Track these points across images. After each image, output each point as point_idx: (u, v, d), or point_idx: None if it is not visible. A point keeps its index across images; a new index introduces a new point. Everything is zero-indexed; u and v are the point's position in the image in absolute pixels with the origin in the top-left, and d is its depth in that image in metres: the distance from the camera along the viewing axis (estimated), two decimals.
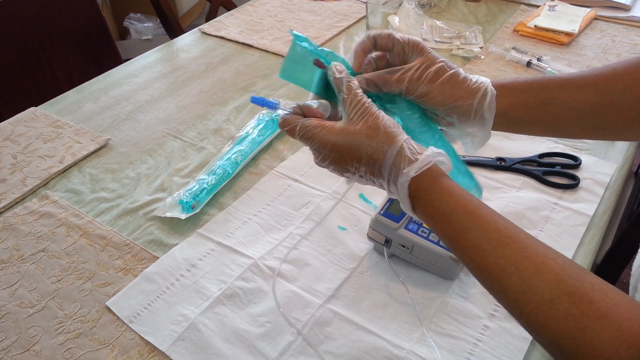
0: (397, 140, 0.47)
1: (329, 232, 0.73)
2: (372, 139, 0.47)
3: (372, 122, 0.47)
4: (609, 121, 0.54)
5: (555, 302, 0.38)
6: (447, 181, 0.46)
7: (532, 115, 0.54)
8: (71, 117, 0.98)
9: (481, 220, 0.44)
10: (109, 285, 0.67)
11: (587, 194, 0.79)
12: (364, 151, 0.47)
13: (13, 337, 0.61)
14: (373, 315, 0.63)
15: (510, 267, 0.41)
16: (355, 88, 0.50)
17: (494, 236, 0.42)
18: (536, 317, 0.39)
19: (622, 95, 0.52)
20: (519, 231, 0.43)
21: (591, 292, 0.38)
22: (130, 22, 2.52)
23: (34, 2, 1.57)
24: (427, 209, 0.46)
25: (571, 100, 0.53)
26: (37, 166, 0.86)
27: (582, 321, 0.37)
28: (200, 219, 0.76)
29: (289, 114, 0.52)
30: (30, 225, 0.75)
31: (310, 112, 0.52)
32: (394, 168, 0.46)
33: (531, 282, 0.40)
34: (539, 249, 0.41)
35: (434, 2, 1.39)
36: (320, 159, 0.50)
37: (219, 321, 0.62)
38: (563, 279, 0.39)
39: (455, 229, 0.44)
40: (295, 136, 0.51)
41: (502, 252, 0.41)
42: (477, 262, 0.43)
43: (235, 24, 1.31)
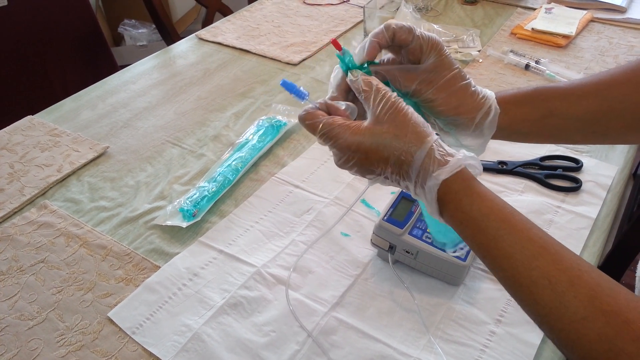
0: (426, 142, 0.44)
1: (332, 239, 0.73)
2: (400, 139, 0.44)
3: (400, 121, 0.45)
4: (609, 128, 0.53)
5: (589, 320, 0.37)
6: (479, 186, 0.44)
7: (533, 127, 0.54)
8: (68, 125, 0.97)
9: (514, 228, 0.42)
10: (110, 295, 0.66)
11: (589, 197, 0.78)
12: (391, 152, 0.45)
13: (14, 350, 0.60)
14: (379, 322, 0.62)
15: (543, 279, 0.39)
16: (376, 84, 0.47)
17: (527, 246, 0.41)
18: (568, 335, 0.38)
19: (622, 101, 0.52)
20: (552, 241, 0.41)
21: (627, 311, 0.36)
22: (124, 28, 2.52)
23: (29, 10, 1.56)
24: (456, 213, 0.44)
25: (572, 111, 0.53)
26: (35, 175, 0.85)
27: (616, 342, 0.36)
28: (201, 227, 0.75)
29: (312, 108, 0.49)
30: (29, 236, 0.74)
31: (336, 112, 0.49)
32: (422, 170, 0.44)
33: (564, 298, 0.38)
34: (573, 261, 0.40)
35: (431, 6, 1.39)
36: (343, 160, 0.47)
37: (223, 331, 0.61)
38: (598, 296, 0.37)
39: (487, 235, 0.42)
40: (316, 133, 0.47)
41: (535, 263, 0.40)
42: (508, 272, 0.41)
43: (232, 29, 1.30)
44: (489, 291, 0.65)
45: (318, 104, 0.49)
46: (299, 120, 0.49)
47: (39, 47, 1.61)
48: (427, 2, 1.39)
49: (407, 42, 0.51)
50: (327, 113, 0.49)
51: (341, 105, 0.50)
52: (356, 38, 1.26)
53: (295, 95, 0.50)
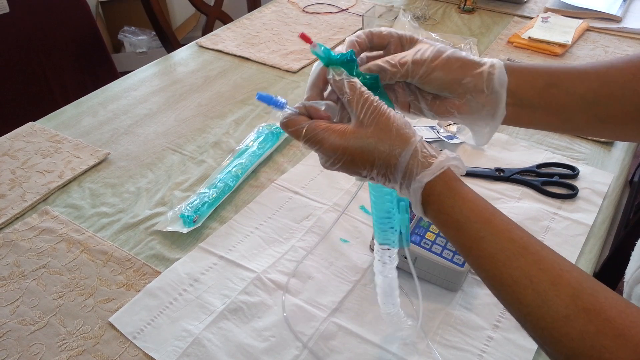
0: (410, 143, 0.45)
1: (332, 245, 0.73)
2: (385, 142, 0.45)
3: (384, 124, 0.45)
4: (609, 113, 0.53)
5: (571, 318, 0.37)
6: (461, 187, 0.45)
7: (539, 98, 0.52)
8: (70, 131, 0.98)
9: (495, 229, 0.42)
10: (112, 301, 0.66)
11: (585, 204, 0.79)
12: (377, 155, 0.45)
13: (15, 355, 0.60)
14: (377, 327, 0.63)
15: (525, 279, 0.40)
16: (359, 87, 0.47)
17: (508, 246, 0.41)
18: (550, 333, 0.38)
19: (622, 87, 0.52)
20: (534, 241, 0.42)
21: (608, 309, 0.37)
22: (124, 35, 2.53)
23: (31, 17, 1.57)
24: (439, 215, 0.45)
25: (575, 87, 0.52)
26: (36, 181, 0.85)
27: (598, 339, 0.36)
28: (201, 232, 0.76)
29: (293, 115, 0.48)
30: (31, 241, 0.75)
31: (317, 114, 0.49)
32: (407, 172, 0.45)
33: (546, 297, 0.38)
34: (554, 260, 0.40)
35: (428, 15, 1.41)
36: (330, 163, 0.48)
37: (223, 336, 0.62)
38: (579, 295, 0.38)
39: (469, 237, 0.43)
40: (300, 139, 0.47)
41: (516, 263, 0.40)
42: (490, 272, 0.42)
43: (232, 37, 1.32)
44: (487, 297, 0.65)
45: (297, 109, 0.49)
46: (281, 127, 0.49)
47: (39, 54, 1.62)
48: (425, 11, 1.40)
49: (384, 44, 0.52)
50: (308, 116, 0.49)
51: (321, 105, 0.49)
52: None
53: (273, 106, 0.50)
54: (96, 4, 2.44)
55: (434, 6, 1.47)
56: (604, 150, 0.91)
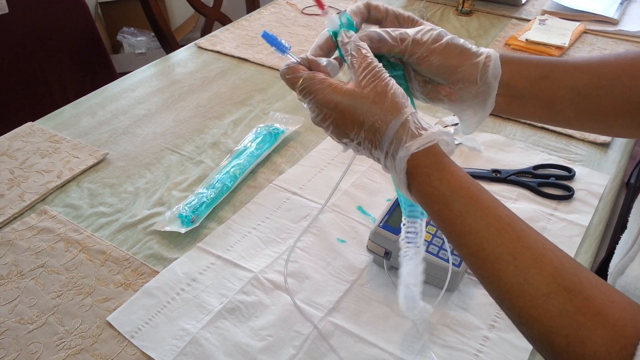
0: (403, 112, 0.44)
1: (329, 245, 0.74)
2: (378, 106, 0.45)
3: (381, 89, 0.45)
4: (600, 106, 0.53)
5: (551, 296, 0.37)
6: (449, 162, 0.44)
7: (531, 90, 0.53)
8: (68, 131, 0.98)
9: (482, 205, 0.42)
10: (110, 300, 0.67)
11: (581, 205, 0.80)
12: (367, 117, 0.45)
13: (13, 353, 0.61)
14: (374, 327, 0.63)
15: (507, 256, 0.39)
16: (365, 52, 0.47)
17: (493, 223, 0.41)
18: (529, 311, 0.38)
19: (613, 81, 0.52)
20: (519, 220, 0.42)
21: (588, 289, 0.37)
22: (123, 36, 2.54)
23: (30, 17, 1.57)
24: (425, 187, 0.44)
25: (567, 78, 0.53)
26: (35, 181, 0.86)
27: (576, 318, 0.36)
28: (199, 232, 0.76)
29: (294, 63, 0.48)
30: (29, 241, 0.75)
31: (317, 68, 0.49)
32: (395, 140, 0.44)
33: (528, 274, 0.38)
34: (538, 239, 0.40)
35: (426, 17, 1.41)
36: (320, 117, 0.47)
37: (220, 335, 0.62)
38: (561, 273, 0.38)
39: (454, 211, 0.42)
40: (296, 88, 0.47)
41: (500, 240, 0.40)
42: (472, 248, 0.41)
43: (230, 38, 1.32)
44: (483, 297, 0.66)
45: (300, 59, 0.49)
46: (280, 76, 0.49)
47: (38, 54, 1.62)
48: (423, 13, 1.41)
49: (382, 16, 0.53)
50: (309, 69, 0.49)
51: (322, 61, 0.49)
52: None
53: (276, 48, 0.50)
54: (95, 4, 2.44)
55: (432, 8, 1.47)
56: (600, 151, 0.91)
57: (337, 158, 0.90)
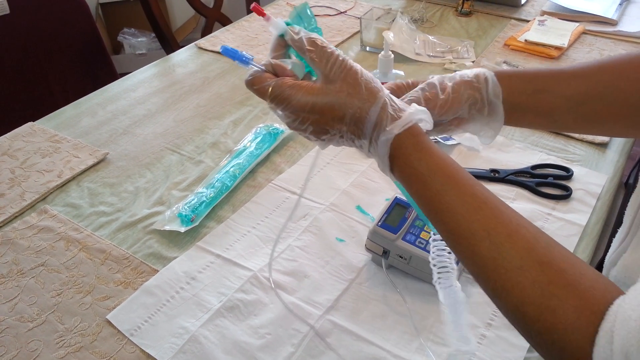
0: (379, 97, 0.45)
1: (327, 244, 0.74)
2: (355, 96, 0.45)
3: (352, 79, 0.45)
4: (597, 112, 0.55)
5: (524, 269, 0.39)
6: (428, 142, 0.46)
7: (529, 102, 0.55)
8: (69, 131, 0.99)
9: (458, 183, 0.43)
10: (109, 298, 0.67)
11: (579, 205, 0.80)
12: (347, 110, 0.45)
13: (13, 351, 0.61)
14: (372, 325, 0.63)
15: (482, 231, 0.41)
16: (321, 42, 0.46)
17: (469, 200, 0.42)
18: (503, 284, 0.39)
19: (608, 87, 0.54)
20: (494, 197, 0.43)
21: (560, 262, 0.39)
22: (124, 37, 2.54)
23: (31, 18, 1.58)
24: (405, 168, 0.45)
25: (563, 89, 0.55)
26: (35, 181, 0.86)
27: (548, 288, 0.37)
28: (199, 232, 0.77)
29: (259, 72, 0.47)
30: (30, 240, 0.75)
31: (284, 72, 0.47)
32: (377, 126, 0.45)
33: (502, 248, 0.40)
34: (512, 216, 0.42)
35: (426, 17, 1.42)
36: (298, 122, 0.46)
37: (219, 333, 0.62)
38: (534, 247, 0.39)
39: (432, 190, 0.44)
40: (266, 97, 0.46)
41: (476, 216, 0.42)
42: (449, 225, 0.43)
43: (231, 39, 1.33)
44: (480, 296, 0.66)
45: (264, 67, 0.47)
46: (246, 86, 0.47)
47: (39, 55, 1.63)
48: (423, 14, 1.41)
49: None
50: (275, 75, 0.47)
51: (288, 64, 0.48)
52: (353, 48, 1.28)
53: (238, 61, 0.48)
54: (96, 5, 2.45)
55: (432, 9, 1.48)
56: (598, 152, 0.92)
57: (336, 158, 0.90)
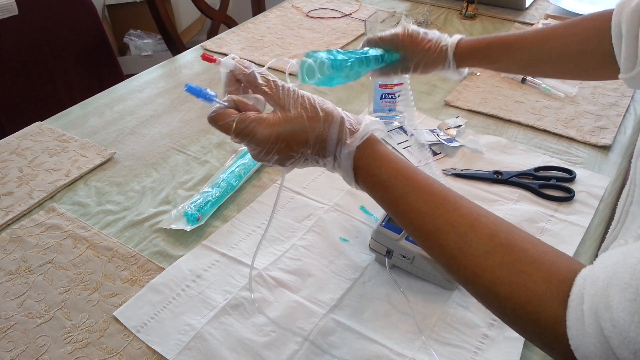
0: (335, 115, 0.48)
1: (331, 244, 0.75)
2: (314, 120, 0.48)
3: (308, 104, 0.48)
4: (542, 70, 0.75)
5: (490, 253, 0.41)
6: (385, 149, 0.49)
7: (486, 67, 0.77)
8: (76, 131, 1.00)
9: (418, 184, 0.46)
10: (116, 295, 0.68)
11: (582, 206, 0.81)
12: (310, 132, 0.48)
13: (22, 346, 0.62)
14: (375, 324, 0.64)
15: (447, 225, 0.44)
16: (272, 78, 0.50)
17: (430, 198, 0.45)
18: (473, 270, 0.42)
19: (555, 50, 0.68)
20: (453, 193, 0.46)
21: (522, 243, 0.41)
22: (130, 39, 2.56)
23: (39, 19, 1.60)
24: (367, 177, 0.48)
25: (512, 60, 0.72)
26: (43, 179, 0.87)
27: (515, 266, 0.40)
28: (205, 230, 0.77)
29: (222, 108, 0.48)
30: (38, 237, 0.76)
31: (245, 107, 0.49)
32: (339, 142, 0.48)
33: (467, 238, 0.42)
34: (471, 208, 0.45)
35: (430, 20, 1.42)
36: (264, 152, 0.48)
37: (224, 330, 0.63)
38: (496, 233, 0.42)
39: (394, 194, 0.47)
40: (230, 132, 0.48)
41: (438, 212, 0.44)
42: (416, 224, 0.45)
43: (236, 40, 1.34)
44: None
45: (226, 103, 0.49)
46: (209, 122, 0.49)
47: (47, 55, 1.64)
48: (427, 17, 1.42)
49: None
50: (237, 110, 0.49)
51: (250, 99, 0.50)
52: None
53: (202, 99, 0.49)
54: (102, 7, 2.47)
55: (436, 12, 1.49)
56: (601, 154, 0.92)
57: None
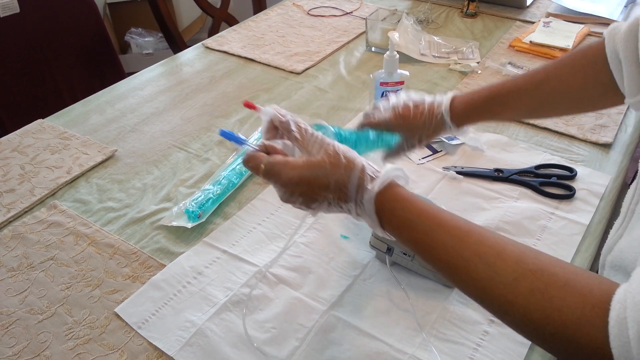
0: (357, 163, 0.50)
1: (332, 241, 0.75)
2: (336, 165, 0.50)
3: (332, 151, 0.51)
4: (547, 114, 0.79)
5: (519, 280, 0.41)
6: (407, 192, 0.50)
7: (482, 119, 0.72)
8: (78, 129, 1.00)
9: (441, 220, 0.48)
10: (117, 292, 0.68)
11: (582, 204, 0.81)
12: (331, 177, 0.50)
13: (24, 342, 0.62)
14: (376, 321, 0.64)
15: (474, 257, 0.44)
16: (303, 125, 0.53)
17: (455, 232, 0.46)
18: (505, 298, 0.42)
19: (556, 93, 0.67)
20: (475, 226, 0.47)
21: (550, 267, 0.41)
22: (131, 37, 2.56)
23: (40, 17, 1.60)
24: (392, 219, 0.49)
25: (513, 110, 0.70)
26: (45, 177, 0.87)
27: (547, 292, 0.40)
28: (206, 227, 0.78)
29: (253, 151, 0.53)
30: (39, 234, 0.77)
31: (275, 151, 0.53)
32: (359, 188, 0.50)
33: (496, 267, 0.43)
34: (496, 238, 0.45)
35: (431, 18, 1.42)
36: (288, 194, 0.51)
37: (225, 327, 0.63)
38: (523, 260, 0.42)
39: (420, 232, 0.48)
40: (259, 172, 0.51)
41: (464, 245, 0.45)
42: (443, 259, 0.46)
43: (237, 38, 1.34)
44: None
45: (258, 147, 0.54)
46: (242, 164, 0.54)
47: (48, 53, 1.64)
48: (428, 15, 1.42)
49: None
50: (267, 153, 0.53)
51: (278, 143, 0.54)
52: (358, 49, 1.29)
53: (235, 142, 0.55)
54: (104, 5, 2.47)
55: (437, 10, 1.49)
56: (602, 152, 0.92)
57: None
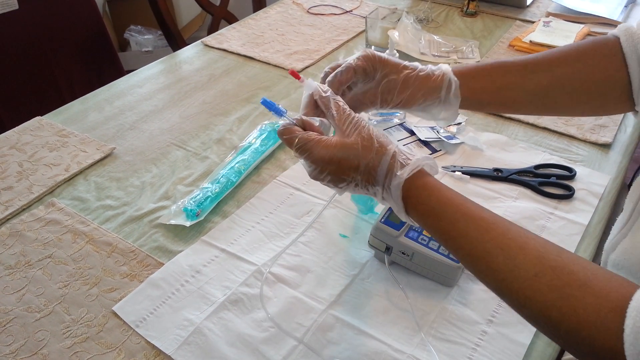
0: (389, 148, 0.51)
1: (331, 240, 0.75)
2: (368, 148, 0.50)
3: (366, 134, 0.51)
4: (557, 102, 0.62)
5: (540, 275, 0.42)
6: (434, 181, 0.50)
7: (491, 97, 0.62)
8: (76, 126, 1.00)
9: (467, 211, 0.48)
10: (115, 290, 0.68)
11: (581, 204, 0.81)
12: (362, 160, 0.50)
13: (21, 340, 0.62)
14: (374, 320, 0.64)
15: (496, 249, 0.44)
16: (342, 104, 0.53)
17: (480, 223, 0.47)
18: (524, 292, 0.42)
19: (570, 78, 0.60)
20: (500, 218, 0.47)
21: (571, 265, 0.42)
22: (130, 34, 2.55)
23: (39, 14, 1.59)
24: (418, 206, 0.50)
25: (526, 85, 0.61)
26: (43, 174, 0.87)
27: (565, 290, 0.40)
28: (204, 226, 0.77)
29: (290, 124, 0.54)
30: (37, 232, 0.76)
31: (311, 127, 0.54)
32: (388, 173, 0.50)
33: (517, 261, 0.43)
34: (520, 231, 0.45)
35: (431, 17, 1.42)
36: (318, 171, 0.52)
37: (223, 326, 0.63)
38: (545, 255, 0.43)
39: (445, 221, 0.48)
40: (292, 146, 0.52)
41: (488, 236, 0.45)
42: (466, 248, 0.47)
43: (237, 36, 1.34)
44: (482, 292, 0.67)
45: (295, 120, 0.54)
46: (277, 135, 0.54)
47: (47, 50, 1.64)
48: (428, 14, 1.42)
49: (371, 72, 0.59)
50: (303, 128, 0.53)
51: (315, 121, 0.55)
52: (358, 47, 1.29)
53: (274, 112, 0.56)
54: (103, 2, 2.47)
55: (437, 9, 1.48)
56: (602, 152, 0.92)
57: None
